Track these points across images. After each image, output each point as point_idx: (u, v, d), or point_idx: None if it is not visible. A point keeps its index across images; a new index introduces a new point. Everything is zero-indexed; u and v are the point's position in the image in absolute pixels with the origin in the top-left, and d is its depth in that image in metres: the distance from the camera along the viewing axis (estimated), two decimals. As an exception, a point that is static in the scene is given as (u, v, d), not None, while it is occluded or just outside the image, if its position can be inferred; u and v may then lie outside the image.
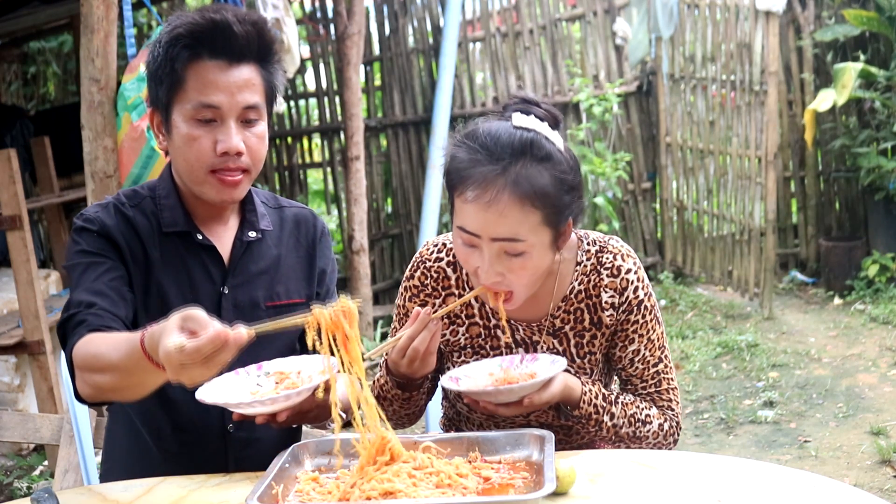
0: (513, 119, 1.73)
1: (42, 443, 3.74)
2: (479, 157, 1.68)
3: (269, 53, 1.84)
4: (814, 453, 3.88)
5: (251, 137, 1.82)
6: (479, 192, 1.66)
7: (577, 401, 1.81)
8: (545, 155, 1.68)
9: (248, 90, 1.80)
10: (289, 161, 7.15)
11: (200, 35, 1.77)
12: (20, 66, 8.48)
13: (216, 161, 1.79)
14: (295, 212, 2.04)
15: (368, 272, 5.90)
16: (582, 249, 1.89)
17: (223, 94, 1.78)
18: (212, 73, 1.78)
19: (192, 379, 1.39)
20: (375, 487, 1.48)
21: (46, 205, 5.40)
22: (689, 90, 6.64)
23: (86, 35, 3.33)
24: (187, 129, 1.79)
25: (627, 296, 1.87)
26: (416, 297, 1.94)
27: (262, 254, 1.94)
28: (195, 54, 1.77)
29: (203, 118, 1.78)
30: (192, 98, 1.78)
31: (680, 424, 1.93)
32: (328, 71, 6.93)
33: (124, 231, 1.85)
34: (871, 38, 6.40)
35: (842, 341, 5.32)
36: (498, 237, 1.68)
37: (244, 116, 1.80)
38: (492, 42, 6.84)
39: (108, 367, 1.56)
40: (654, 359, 1.91)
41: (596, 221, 6.14)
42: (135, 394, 1.62)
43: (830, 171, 6.74)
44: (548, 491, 1.40)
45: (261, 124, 1.84)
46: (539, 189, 1.66)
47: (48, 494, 1.56)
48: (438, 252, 1.95)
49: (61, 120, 6.59)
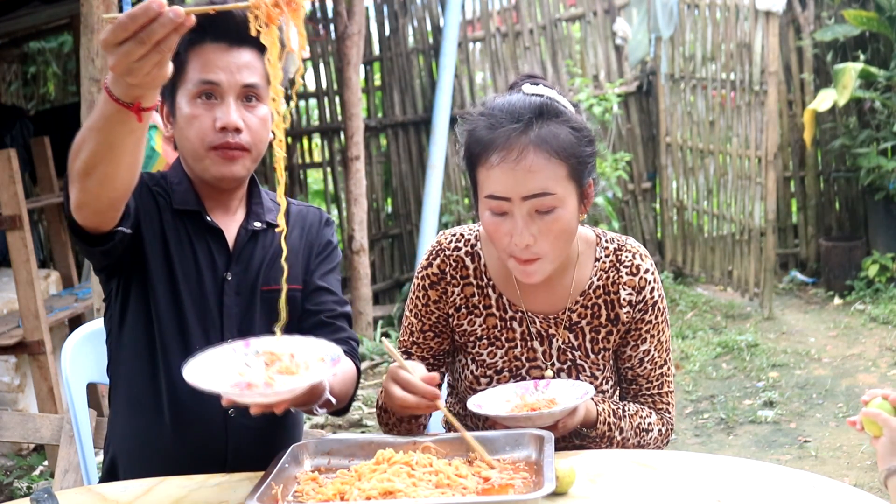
0: (523, 89, 1.80)
1: (42, 443, 3.73)
2: (500, 120, 1.73)
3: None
4: (814, 453, 3.88)
5: (251, 118, 1.85)
6: (504, 153, 1.70)
7: (595, 422, 1.82)
8: (560, 112, 1.75)
9: (247, 70, 1.84)
10: (289, 161, 7.16)
11: (202, 20, 1.77)
12: (20, 66, 8.49)
13: (216, 137, 1.82)
14: (301, 209, 2.08)
15: (368, 272, 5.90)
16: (601, 246, 1.91)
17: (223, 72, 1.82)
18: (213, 54, 1.82)
19: (142, 74, 1.31)
20: (375, 487, 1.48)
21: (46, 205, 5.39)
22: (688, 90, 6.64)
23: (86, 35, 3.33)
24: (189, 109, 1.83)
25: (645, 295, 1.88)
26: (437, 286, 1.92)
27: (266, 244, 1.97)
28: (198, 39, 1.81)
29: (203, 93, 1.82)
30: (194, 78, 1.83)
31: (673, 427, 1.96)
32: (328, 71, 6.93)
33: (141, 195, 1.88)
34: (871, 38, 6.40)
35: (842, 341, 5.32)
36: (529, 194, 1.70)
37: (244, 94, 1.84)
38: (492, 42, 6.84)
39: (83, 138, 1.52)
40: (660, 360, 1.93)
41: (596, 221, 6.14)
42: (114, 161, 1.52)
43: (830, 171, 6.74)
44: (547, 491, 1.40)
45: (262, 107, 1.86)
46: (562, 142, 1.71)
47: (48, 494, 1.56)
48: (457, 242, 1.94)
49: (61, 120, 6.59)
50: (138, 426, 1.91)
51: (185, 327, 1.89)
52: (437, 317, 1.94)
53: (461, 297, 1.91)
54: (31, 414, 3.54)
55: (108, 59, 1.32)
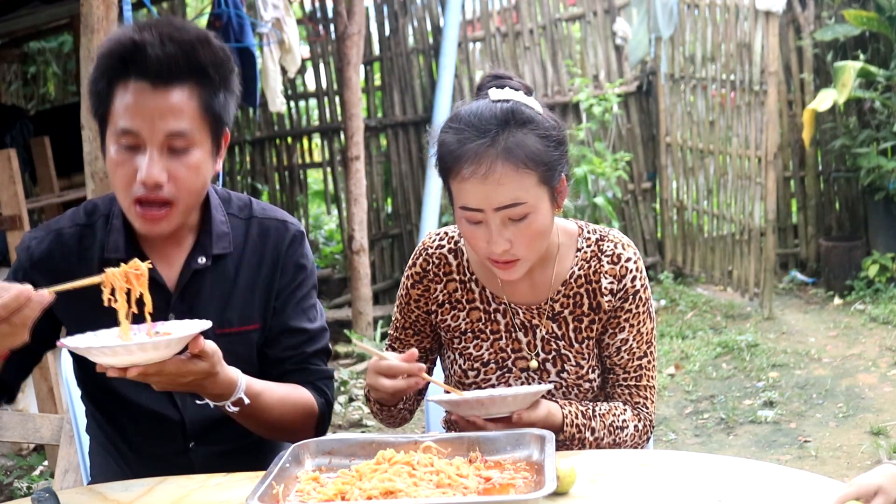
0: (490, 95, 1.81)
1: (42, 443, 3.73)
2: (467, 135, 1.74)
3: (207, 74, 1.68)
4: (814, 453, 3.88)
5: (179, 167, 1.67)
6: (474, 167, 1.71)
7: (560, 425, 1.83)
8: (527, 118, 1.76)
9: (172, 116, 1.65)
10: (289, 161, 7.16)
11: (122, 55, 1.65)
12: (20, 66, 8.49)
13: (137, 188, 1.66)
14: (265, 223, 1.88)
15: (368, 272, 5.90)
16: (582, 237, 1.94)
17: (143, 119, 1.64)
18: (133, 96, 1.65)
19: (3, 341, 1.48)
20: (376, 487, 1.48)
21: (46, 205, 5.40)
22: (688, 90, 6.64)
23: (86, 35, 3.32)
24: (113, 154, 1.68)
25: (625, 283, 1.89)
26: (419, 284, 1.97)
27: (214, 279, 1.81)
28: (122, 73, 1.66)
29: (125, 144, 1.66)
30: (116, 120, 1.67)
31: (653, 423, 1.95)
32: (328, 71, 6.93)
33: (60, 260, 1.78)
34: (871, 37, 6.40)
35: (842, 341, 5.32)
36: (500, 206, 1.72)
37: (169, 144, 1.66)
38: (492, 42, 6.84)
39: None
40: (639, 352, 1.93)
41: (596, 221, 6.13)
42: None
43: (830, 171, 6.74)
44: (548, 491, 1.40)
45: (193, 153, 1.68)
46: (529, 151, 1.72)
47: (48, 494, 1.56)
48: (440, 240, 1.98)
49: (61, 120, 6.59)
50: (105, 465, 1.94)
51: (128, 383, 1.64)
52: (416, 315, 1.99)
53: (444, 294, 1.95)
54: (31, 414, 3.54)
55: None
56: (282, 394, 1.83)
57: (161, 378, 1.59)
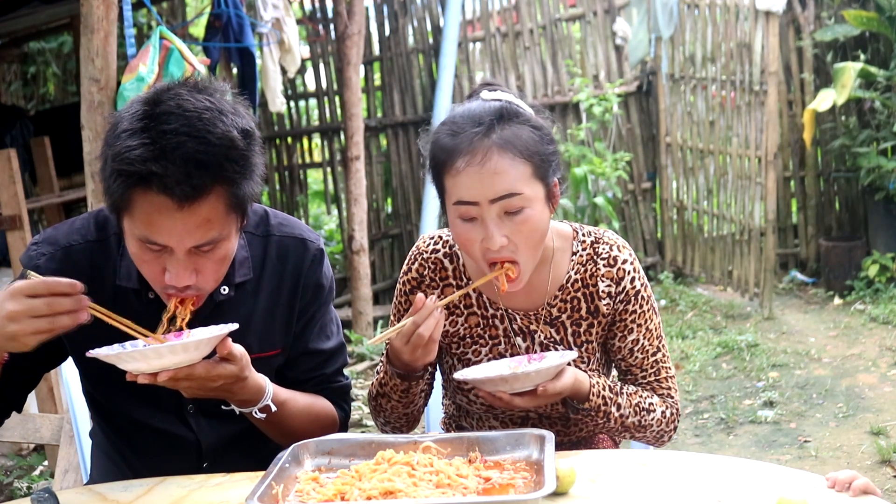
0: (482, 96, 1.83)
1: (42, 443, 3.73)
2: (461, 128, 1.75)
3: (234, 173, 1.56)
4: (814, 453, 3.88)
5: (208, 263, 1.60)
6: (469, 157, 1.72)
7: (587, 394, 1.82)
8: (519, 113, 1.78)
9: (199, 231, 1.55)
10: (289, 161, 7.16)
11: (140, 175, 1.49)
12: (20, 66, 8.50)
13: (166, 285, 1.60)
14: (284, 242, 1.83)
15: (368, 272, 5.90)
16: (577, 240, 1.93)
17: (168, 235, 1.54)
18: (158, 211, 1.52)
19: (7, 343, 1.47)
20: (376, 487, 1.48)
21: (46, 205, 5.40)
22: (688, 90, 6.64)
23: (86, 35, 3.33)
24: (136, 249, 1.60)
25: (625, 286, 1.89)
26: (416, 290, 1.96)
27: (233, 306, 1.77)
28: (141, 184, 1.51)
29: (149, 247, 1.58)
30: (138, 226, 1.55)
31: (679, 412, 1.95)
32: (328, 71, 6.93)
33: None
34: (871, 38, 6.40)
35: (842, 341, 5.32)
36: (496, 196, 1.71)
37: (198, 249, 1.59)
38: (492, 42, 6.84)
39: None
40: (652, 348, 1.93)
41: (596, 221, 6.14)
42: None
43: (830, 171, 6.74)
44: (548, 491, 1.40)
45: (222, 247, 1.61)
46: (524, 141, 1.74)
47: (48, 494, 1.56)
48: (435, 244, 1.97)
49: (61, 120, 6.60)
50: (106, 468, 1.93)
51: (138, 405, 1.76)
52: None
53: (441, 299, 1.92)
54: (31, 414, 3.53)
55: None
56: (306, 403, 1.85)
57: (191, 383, 1.58)
